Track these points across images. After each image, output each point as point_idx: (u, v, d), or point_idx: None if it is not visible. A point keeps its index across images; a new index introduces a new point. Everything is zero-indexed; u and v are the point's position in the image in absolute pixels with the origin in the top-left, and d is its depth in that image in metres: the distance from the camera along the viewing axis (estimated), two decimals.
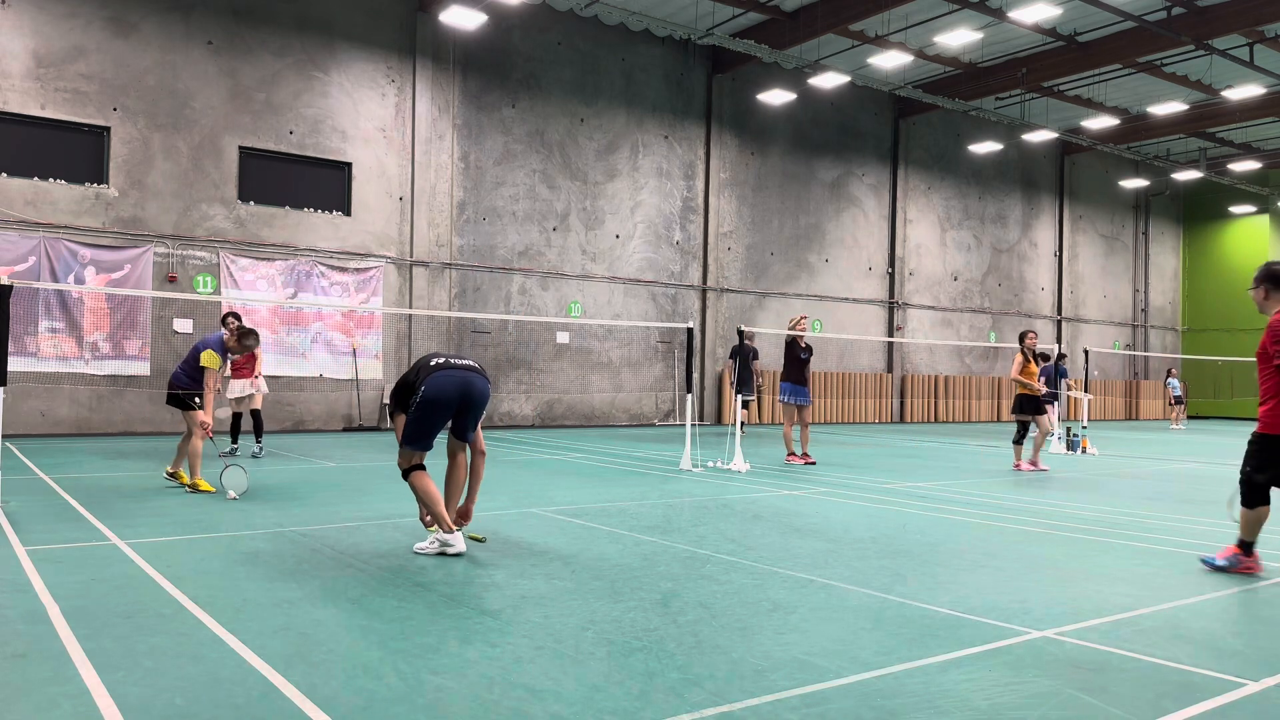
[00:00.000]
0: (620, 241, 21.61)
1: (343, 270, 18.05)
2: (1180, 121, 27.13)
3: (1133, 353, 28.27)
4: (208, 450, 10.71)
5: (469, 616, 4.63)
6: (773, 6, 20.17)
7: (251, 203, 17.24)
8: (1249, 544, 6.05)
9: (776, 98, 21.88)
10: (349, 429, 18.00)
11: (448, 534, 6.04)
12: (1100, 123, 25.18)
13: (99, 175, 16.01)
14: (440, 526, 6.08)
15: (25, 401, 15.08)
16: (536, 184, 20.42)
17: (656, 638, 4.30)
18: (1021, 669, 3.95)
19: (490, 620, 4.56)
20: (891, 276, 26.71)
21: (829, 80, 20.81)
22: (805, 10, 20.09)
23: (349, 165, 18.24)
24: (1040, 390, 12.61)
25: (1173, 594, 5.41)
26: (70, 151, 15.78)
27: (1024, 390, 12.66)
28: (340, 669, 3.79)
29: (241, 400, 12.58)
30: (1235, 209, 33.98)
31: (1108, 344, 32.43)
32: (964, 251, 28.61)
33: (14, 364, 14.31)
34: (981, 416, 28.52)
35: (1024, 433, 12.72)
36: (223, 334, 9.30)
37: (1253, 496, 6.02)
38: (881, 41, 21.01)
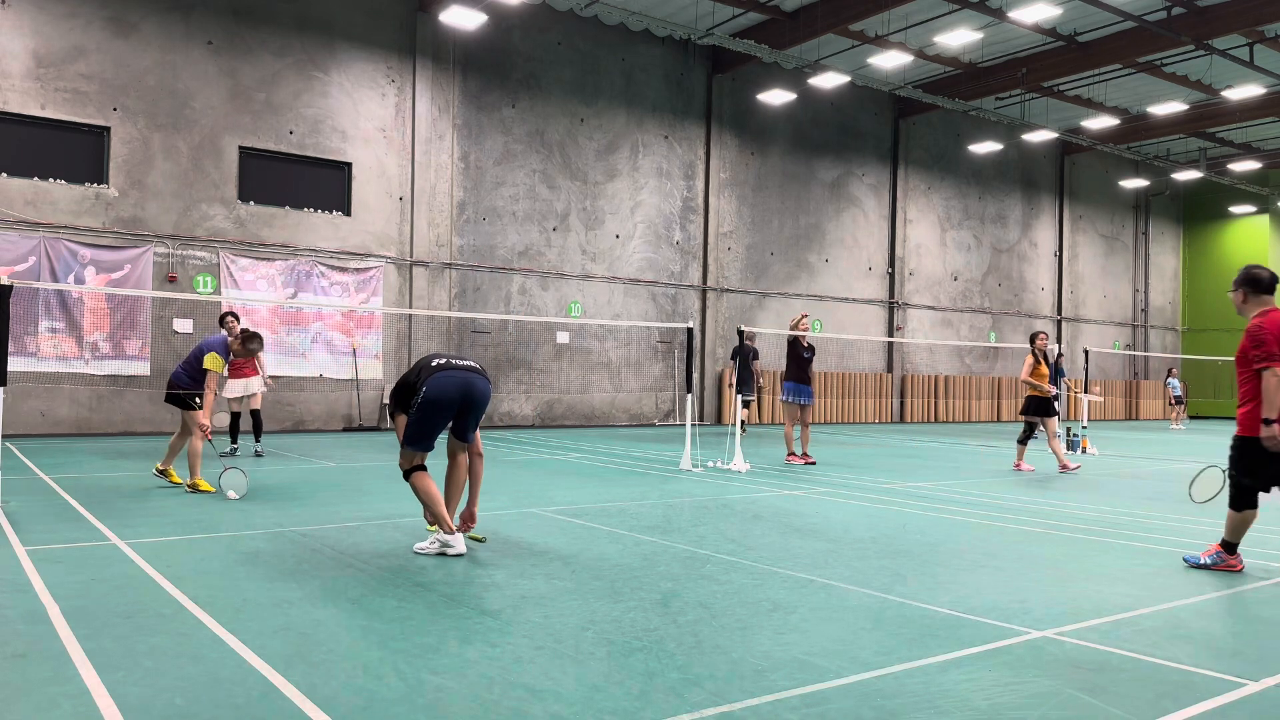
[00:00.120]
0: (620, 241, 21.61)
1: (343, 270, 18.06)
2: (1180, 121, 27.13)
3: (1133, 353, 28.26)
4: (207, 450, 10.72)
5: (469, 616, 4.63)
6: (773, 6, 20.17)
7: (251, 203, 17.25)
8: (1232, 544, 6.09)
9: (776, 98, 21.88)
10: (349, 429, 18.00)
11: (448, 535, 6.04)
12: (1100, 123, 25.18)
13: (99, 175, 16.01)
14: (440, 527, 6.08)
15: (25, 401, 15.08)
16: (536, 184, 20.42)
17: (656, 638, 4.30)
18: (1021, 669, 3.95)
19: (490, 620, 4.56)
20: (891, 276, 26.70)
21: (829, 80, 20.81)
22: (805, 10, 20.09)
23: (349, 165, 18.24)
24: (1050, 392, 12.57)
25: (1173, 594, 5.41)
26: (70, 151, 15.78)
27: (1034, 392, 12.61)
28: (340, 669, 3.79)
29: (241, 400, 12.59)
30: (1235, 209, 33.99)
31: (1108, 344, 32.43)
32: (964, 251, 28.61)
33: (14, 364, 14.31)
34: (981, 416, 28.52)
35: (1030, 433, 12.68)
36: (226, 337, 9.33)
37: (1240, 500, 6.05)
38: (881, 41, 21.01)
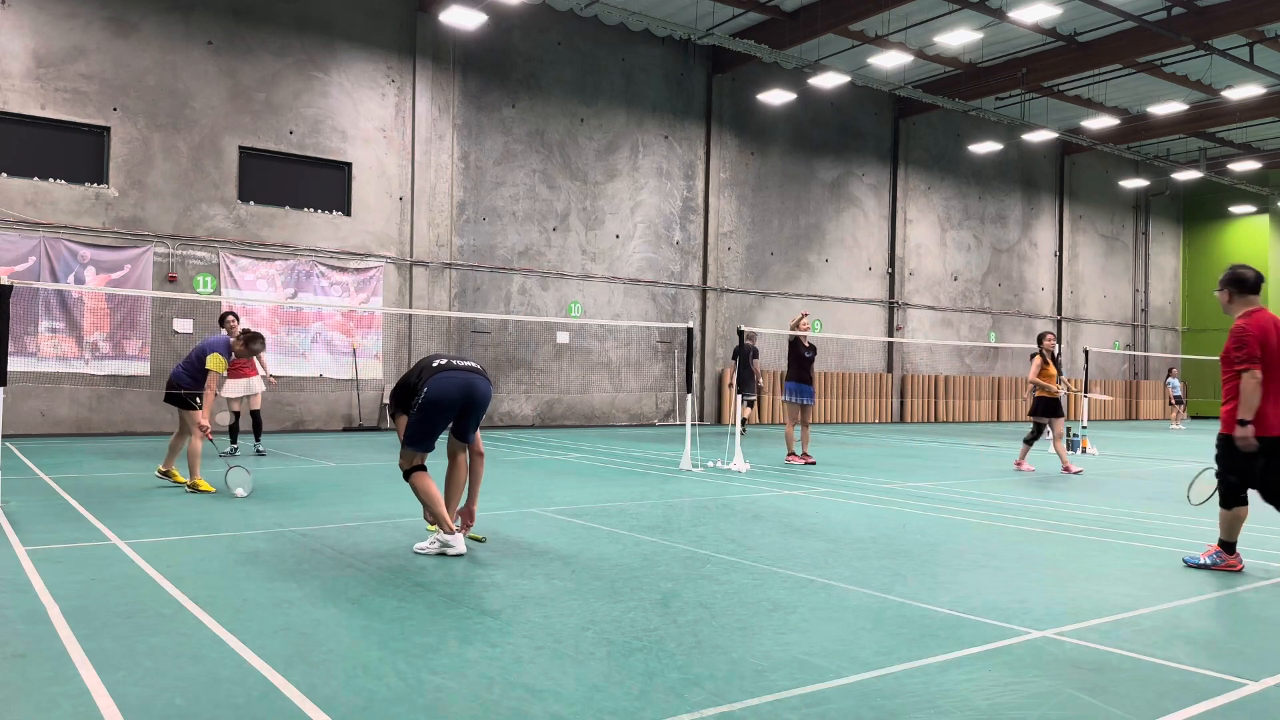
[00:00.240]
0: (620, 241, 21.61)
1: (343, 270, 18.05)
2: (1180, 121, 27.13)
3: (1133, 353, 28.26)
4: (208, 450, 10.72)
5: (469, 616, 4.63)
6: (773, 6, 20.17)
7: (251, 203, 17.24)
8: (1230, 543, 6.09)
9: (776, 98, 21.88)
10: (349, 429, 18.00)
11: (448, 534, 6.04)
12: (1100, 123, 25.18)
13: (99, 175, 16.01)
14: (441, 527, 6.08)
15: (25, 401, 15.08)
16: (536, 184, 20.41)
17: (656, 638, 4.30)
18: (1021, 669, 3.95)
19: (490, 620, 4.56)
20: (891, 276, 26.70)
21: (829, 80, 20.81)
22: (805, 10, 20.08)
23: (349, 165, 18.24)
24: (1058, 392, 12.53)
25: (1173, 594, 5.41)
26: (70, 151, 15.78)
27: (1043, 393, 12.57)
28: (340, 669, 3.79)
29: (243, 400, 12.58)
30: (1235, 209, 33.98)
31: (1108, 344, 32.43)
32: (964, 251, 28.61)
33: (14, 364, 14.31)
34: (981, 416, 28.51)
35: (1039, 434, 12.62)
36: (227, 337, 9.33)
37: (1229, 497, 6.07)
38: (881, 41, 21.00)
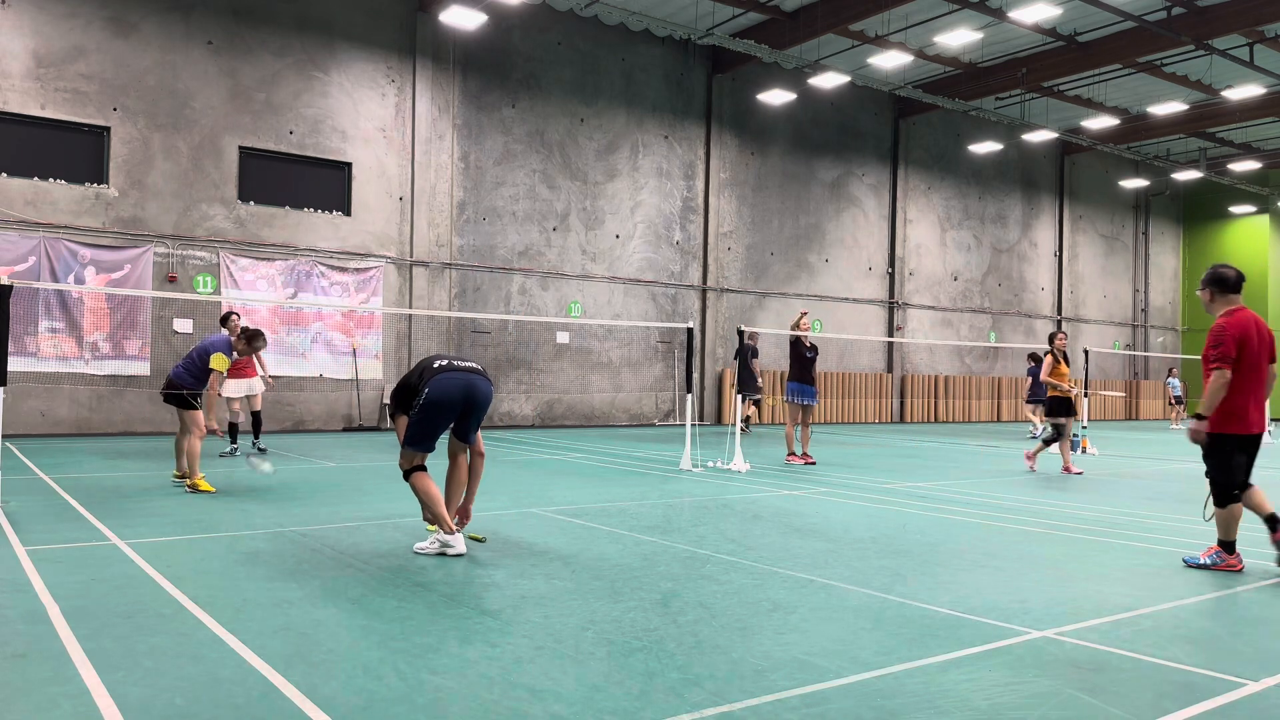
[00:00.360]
0: (620, 241, 21.61)
1: (343, 270, 18.05)
2: (1180, 121, 27.12)
3: (1133, 353, 28.26)
4: (208, 450, 10.72)
5: (469, 616, 4.63)
6: (773, 6, 20.16)
7: (251, 203, 17.24)
8: (1229, 542, 6.10)
9: (776, 98, 21.87)
10: (349, 429, 18.00)
11: (448, 535, 6.04)
12: (1100, 123, 25.17)
13: (99, 175, 16.01)
14: (441, 527, 6.08)
15: (25, 401, 15.08)
16: (536, 184, 20.41)
17: (656, 638, 4.30)
18: (1021, 669, 3.95)
19: (490, 620, 4.56)
20: (891, 276, 26.70)
21: (829, 80, 20.81)
22: (805, 10, 20.08)
23: (349, 165, 18.24)
24: (1071, 391, 12.50)
25: (1173, 594, 5.41)
26: (70, 151, 15.77)
27: (1055, 392, 12.55)
28: (340, 669, 3.79)
29: (244, 400, 12.58)
30: (1235, 209, 33.98)
31: (1108, 344, 32.42)
32: (964, 251, 28.61)
33: (14, 364, 14.31)
34: (981, 416, 28.51)
35: (1059, 435, 12.47)
36: (228, 337, 9.34)
37: (1222, 496, 6.09)
38: (881, 41, 21.00)
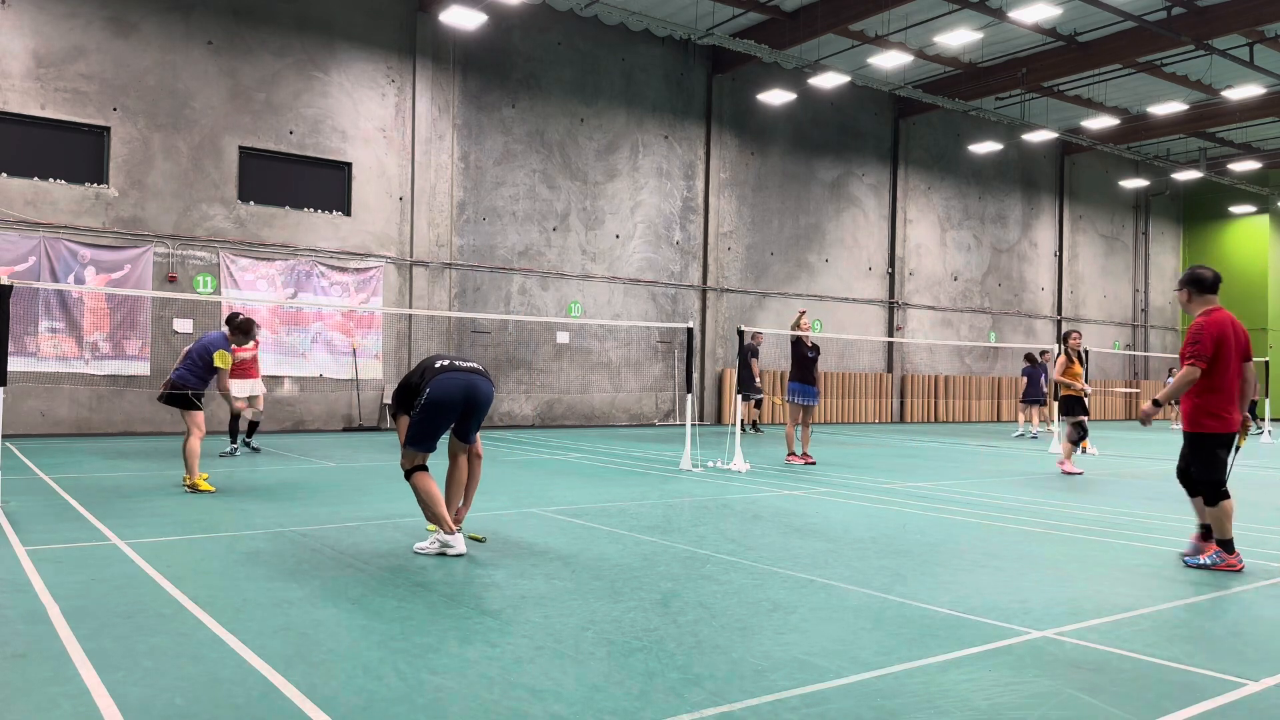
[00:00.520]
0: (620, 241, 21.61)
1: (343, 270, 18.05)
2: (1180, 121, 27.12)
3: (1133, 353, 28.25)
4: (208, 450, 10.73)
5: (469, 616, 4.63)
6: (773, 6, 20.16)
7: (251, 203, 17.24)
8: (1227, 541, 6.09)
9: (776, 98, 21.87)
10: (349, 429, 18.00)
11: (448, 535, 6.04)
12: (1100, 123, 25.17)
13: (99, 175, 16.01)
14: (441, 527, 6.08)
15: (25, 401, 15.08)
16: (536, 184, 20.41)
17: (656, 638, 4.30)
18: (1021, 669, 3.95)
19: (490, 620, 4.56)
20: (891, 276, 26.70)
21: (829, 80, 20.80)
22: (805, 10, 20.08)
23: (349, 165, 18.24)
24: (1084, 390, 12.48)
25: (1173, 594, 5.41)
26: (70, 151, 15.77)
27: (1068, 391, 12.52)
28: (340, 669, 3.79)
29: (249, 400, 12.56)
30: (1235, 209, 33.97)
31: (1108, 344, 32.42)
32: (964, 251, 28.60)
33: (14, 364, 14.30)
34: (981, 416, 28.51)
35: (1082, 432, 12.35)
36: (223, 333, 9.38)
37: (1212, 495, 6.11)
38: (881, 41, 21.00)
